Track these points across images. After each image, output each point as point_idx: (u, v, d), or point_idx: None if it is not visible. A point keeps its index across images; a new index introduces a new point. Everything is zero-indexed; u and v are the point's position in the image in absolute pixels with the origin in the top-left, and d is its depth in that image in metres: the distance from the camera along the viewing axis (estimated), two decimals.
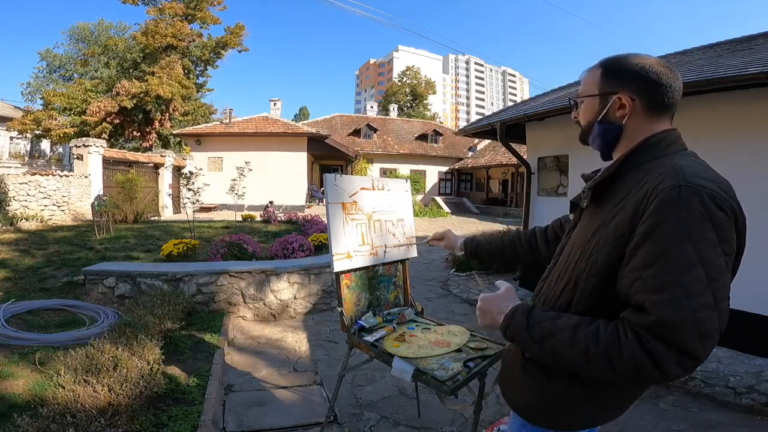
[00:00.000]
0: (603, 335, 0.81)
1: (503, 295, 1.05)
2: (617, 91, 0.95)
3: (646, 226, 0.80)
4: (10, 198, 9.26)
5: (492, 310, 1.03)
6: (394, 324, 2.18)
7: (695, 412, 2.82)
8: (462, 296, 5.81)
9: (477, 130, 7.38)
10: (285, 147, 19.26)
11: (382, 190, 2.35)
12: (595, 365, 0.82)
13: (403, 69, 60.86)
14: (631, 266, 0.82)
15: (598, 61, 1.03)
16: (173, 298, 3.87)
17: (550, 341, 0.88)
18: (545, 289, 1.06)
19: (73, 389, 2.18)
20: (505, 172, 25.19)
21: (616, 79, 0.96)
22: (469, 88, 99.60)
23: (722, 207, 0.79)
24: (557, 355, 0.87)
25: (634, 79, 0.94)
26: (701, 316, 0.74)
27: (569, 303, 0.95)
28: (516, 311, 0.97)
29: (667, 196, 0.79)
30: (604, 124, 0.99)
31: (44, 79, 25.29)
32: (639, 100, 0.94)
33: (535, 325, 0.92)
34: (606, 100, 0.97)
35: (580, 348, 0.83)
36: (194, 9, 22.31)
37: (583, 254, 0.94)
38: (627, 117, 0.95)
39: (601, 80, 0.99)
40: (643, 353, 0.76)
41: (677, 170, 0.83)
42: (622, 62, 0.97)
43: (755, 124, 3.73)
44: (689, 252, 0.76)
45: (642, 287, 0.79)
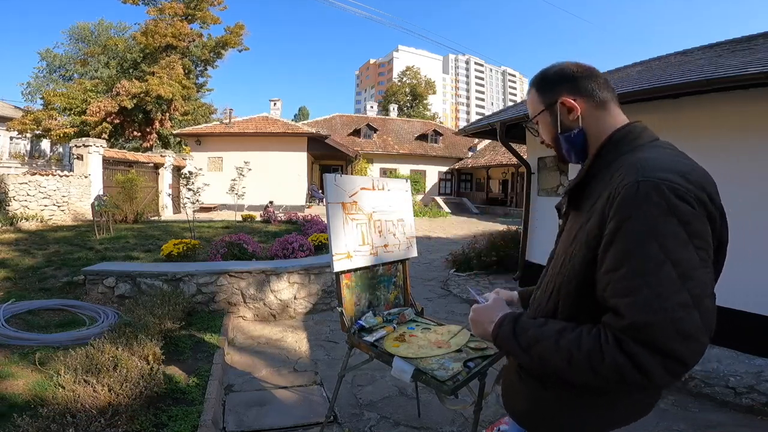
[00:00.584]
0: (585, 340, 0.80)
1: (493, 305, 1.06)
2: (557, 98, 0.98)
3: (611, 227, 0.79)
4: (10, 198, 9.26)
5: (483, 321, 1.04)
6: (394, 324, 2.18)
7: (695, 412, 2.82)
8: (462, 296, 5.81)
9: (477, 130, 7.38)
10: (285, 147, 19.26)
11: (382, 190, 2.35)
12: (579, 371, 0.80)
13: (403, 69, 60.84)
14: (603, 269, 0.80)
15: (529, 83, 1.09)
16: (173, 298, 3.87)
17: (536, 348, 0.87)
18: (538, 297, 1.06)
19: (73, 389, 2.18)
20: (505, 172, 25.19)
21: (549, 89, 1.01)
22: (469, 88, 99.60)
23: (685, 199, 0.75)
24: (544, 362, 0.86)
25: (562, 81, 0.98)
26: (678, 315, 0.70)
27: (555, 309, 0.95)
28: (504, 320, 0.97)
29: (627, 194, 0.78)
30: (565, 133, 1.00)
31: (44, 79, 25.30)
32: (580, 98, 0.96)
33: (522, 332, 0.91)
34: (554, 111, 1.00)
35: (564, 354, 0.82)
36: (194, 9, 22.31)
37: (565, 259, 0.94)
38: (580, 118, 0.97)
39: (538, 96, 1.03)
40: (624, 357, 0.73)
41: (638, 165, 0.82)
42: (546, 74, 1.02)
43: (755, 124, 3.73)
44: (654, 250, 0.73)
45: (613, 290, 0.77)
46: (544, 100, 1.02)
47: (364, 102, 49.82)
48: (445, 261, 8.08)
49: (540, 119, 1.05)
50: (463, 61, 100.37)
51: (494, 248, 7.19)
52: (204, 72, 25.23)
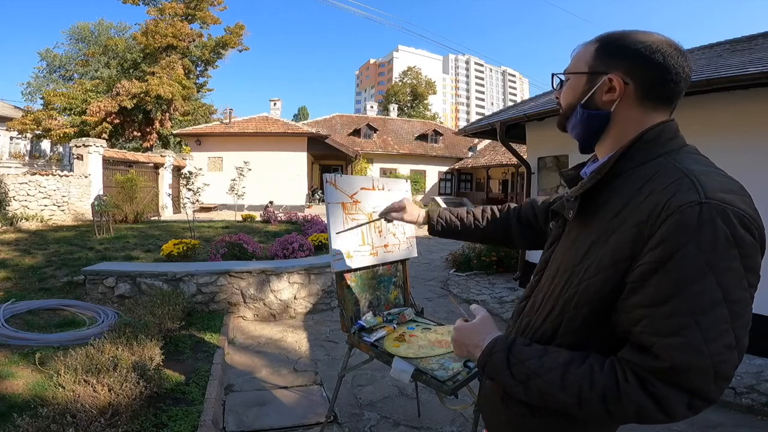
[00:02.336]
0: (598, 377, 0.71)
1: (479, 326, 0.91)
2: (609, 70, 0.80)
3: (658, 254, 0.66)
4: (10, 198, 9.26)
5: (467, 343, 0.91)
6: (394, 324, 2.18)
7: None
8: (462, 296, 5.82)
9: (477, 130, 7.38)
10: (285, 147, 19.27)
11: (383, 190, 2.35)
12: (589, 408, 0.72)
13: (404, 69, 60.88)
14: (636, 300, 0.69)
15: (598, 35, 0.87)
16: (173, 298, 3.87)
17: (535, 382, 0.77)
18: (527, 311, 0.93)
19: (73, 389, 2.18)
20: (505, 172, 25.19)
21: (611, 56, 0.81)
22: (469, 88, 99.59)
23: (749, 228, 0.65)
24: (545, 397, 0.77)
25: (633, 58, 0.78)
26: (721, 359, 0.63)
27: (555, 333, 0.83)
28: (494, 347, 0.84)
29: (685, 217, 0.64)
30: (588, 110, 0.83)
31: (44, 79, 25.26)
32: (634, 84, 0.78)
33: (517, 363, 0.79)
34: (594, 81, 0.82)
35: (572, 391, 0.72)
36: (194, 9, 22.29)
37: (572, 278, 0.80)
38: (616, 103, 0.80)
39: (594, 57, 0.83)
40: (647, 398, 0.67)
41: (693, 180, 0.68)
42: (624, 38, 0.81)
43: (755, 124, 3.73)
44: (712, 287, 0.63)
45: (651, 328, 0.67)
46: (595, 64, 0.82)
47: (364, 102, 49.84)
48: (445, 261, 8.09)
49: (573, 79, 0.87)
50: (463, 61, 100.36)
51: (494, 248, 7.19)
52: (204, 72, 25.21)
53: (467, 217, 1.39)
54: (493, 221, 1.35)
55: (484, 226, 1.35)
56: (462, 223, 1.39)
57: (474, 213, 1.39)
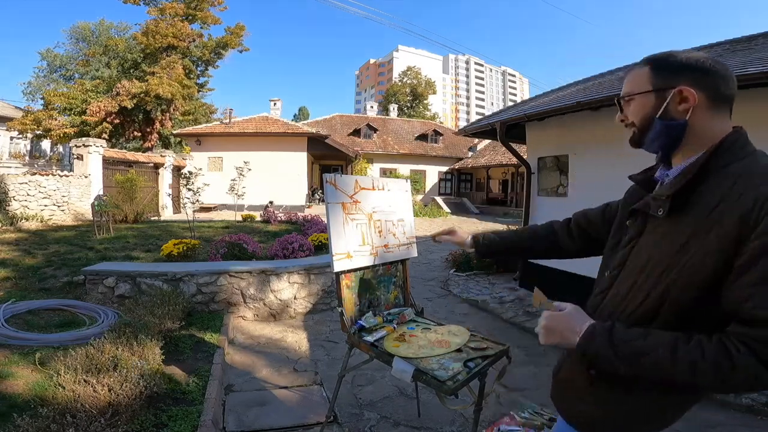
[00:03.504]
0: (709, 350, 0.81)
1: (573, 314, 1.00)
2: (674, 84, 0.91)
3: (765, 241, 0.78)
4: (10, 198, 9.26)
5: (562, 329, 0.98)
6: (394, 324, 2.18)
7: (695, 411, 2.79)
8: (462, 296, 5.81)
9: (477, 130, 7.38)
10: (285, 147, 19.27)
11: (383, 190, 2.35)
12: (702, 379, 0.81)
13: (404, 69, 60.89)
14: (746, 280, 0.79)
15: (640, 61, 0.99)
16: (173, 298, 3.87)
17: (643, 360, 0.86)
18: (608, 302, 1.02)
19: (73, 389, 2.18)
20: (505, 172, 25.19)
21: (670, 72, 0.92)
22: (469, 88, 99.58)
23: None
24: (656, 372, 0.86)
25: (692, 70, 0.90)
26: None
27: (652, 316, 0.92)
28: (595, 331, 0.93)
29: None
30: (666, 121, 0.92)
31: (45, 79, 25.26)
32: (700, 92, 0.89)
33: (621, 344, 0.88)
34: (663, 96, 0.92)
35: (684, 365, 0.82)
36: (195, 9, 22.31)
37: (670, 267, 0.89)
38: (690, 111, 0.90)
39: (652, 76, 0.94)
40: (760, 365, 0.76)
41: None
42: (673, 57, 0.94)
43: (755, 124, 3.72)
44: None
45: (761, 302, 0.77)
46: (657, 82, 0.93)
47: (364, 102, 49.83)
48: (445, 261, 8.09)
49: (639, 98, 0.96)
50: (463, 61, 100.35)
51: None
52: (205, 72, 25.23)
53: (510, 236, 1.49)
54: (535, 236, 1.43)
55: (529, 242, 1.44)
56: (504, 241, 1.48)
57: (517, 231, 1.50)
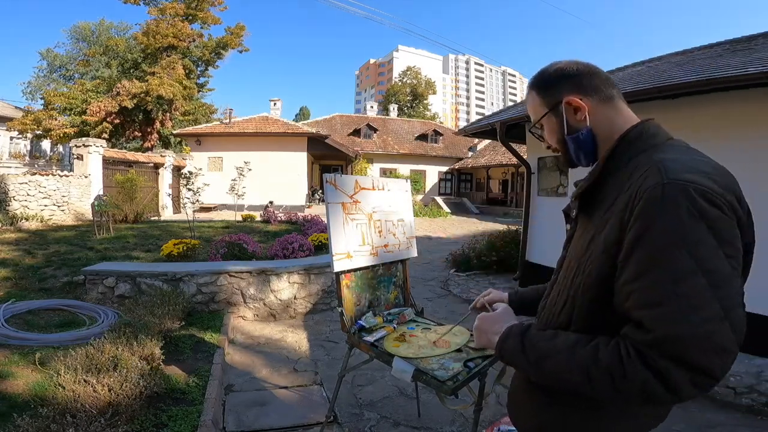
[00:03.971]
0: (603, 355, 0.74)
1: (499, 315, 0.99)
2: (560, 98, 0.92)
3: (633, 233, 0.73)
4: (10, 198, 9.26)
5: (487, 330, 0.98)
6: (394, 324, 2.18)
7: (695, 412, 2.82)
8: (462, 296, 5.81)
9: (477, 130, 7.38)
10: (285, 147, 19.27)
11: (383, 190, 2.35)
12: (598, 387, 0.75)
13: (404, 69, 60.92)
14: (623, 279, 0.75)
15: (527, 86, 1.03)
16: (173, 298, 3.87)
17: (547, 363, 0.82)
18: (547, 307, 1.00)
19: (73, 389, 2.18)
20: (505, 172, 25.19)
21: (551, 89, 0.95)
22: (469, 88, 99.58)
23: (716, 203, 0.70)
24: (557, 378, 0.81)
25: (565, 79, 0.92)
26: (709, 328, 0.65)
27: (569, 321, 0.88)
28: (510, 332, 0.91)
29: (651, 197, 0.72)
30: (573, 135, 0.93)
31: (45, 79, 25.28)
32: (585, 96, 0.91)
33: (531, 346, 0.86)
34: (558, 111, 0.94)
35: (580, 370, 0.76)
36: (195, 9, 22.30)
37: (578, 269, 0.87)
38: (588, 117, 0.91)
39: (540, 98, 0.97)
40: (648, 372, 0.68)
41: (660, 166, 0.75)
42: (546, 73, 0.96)
43: (755, 124, 3.73)
44: (684, 258, 0.67)
45: (637, 301, 0.71)
46: (547, 101, 0.95)
47: (364, 102, 49.85)
48: (445, 261, 8.09)
49: (545, 122, 0.99)
50: (463, 61, 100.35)
51: (494, 248, 7.19)
52: (205, 72, 25.23)
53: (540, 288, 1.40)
54: None
55: None
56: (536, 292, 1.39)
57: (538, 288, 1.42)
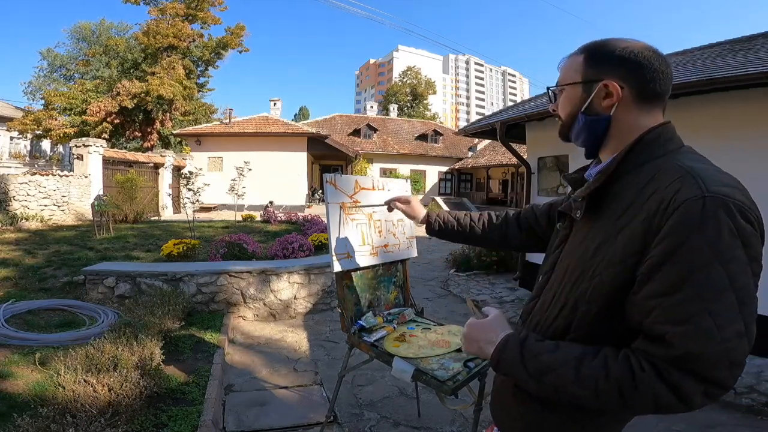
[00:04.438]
0: (613, 368, 0.72)
1: (492, 323, 0.93)
2: (602, 77, 0.84)
3: (666, 246, 0.69)
4: (10, 198, 9.27)
5: (479, 339, 0.92)
6: (394, 324, 2.18)
7: (695, 412, 2.82)
8: (462, 296, 5.81)
9: (477, 130, 7.38)
10: (285, 147, 19.27)
11: (383, 190, 2.35)
12: (605, 400, 0.73)
13: (404, 69, 60.95)
14: (646, 292, 0.71)
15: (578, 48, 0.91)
16: (173, 298, 3.87)
17: (550, 376, 0.78)
18: (537, 310, 0.95)
19: (73, 389, 2.18)
20: (505, 172, 25.18)
21: (601, 64, 0.86)
22: (469, 88, 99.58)
23: (750, 220, 0.68)
24: (560, 391, 0.78)
25: (622, 63, 0.83)
26: (732, 345, 0.65)
27: (567, 328, 0.84)
28: (507, 343, 0.86)
29: (689, 210, 0.68)
30: (590, 116, 0.87)
31: (45, 79, 25.28)
32: (628, 87, 0.83)
33: (531, 358, 0.81)
34: (590, 89, 0.86)
35: (588, 384, 0.74)
36: (195, 9, 22.30)
37: (583, 275, 0.82)
38: (615, 107, 0.84)
39: (584, 66, 0.88)
40: (663, 387, 0.68)
41: (695, 176, 0.71)
42: (608, 46, 0.86)
43: (755, 124, 3.73)
44: (719, 275, 0.65)
45: (663, 317, 0.68)
46: (587, 73, 0.87)
47: (364, 102, 49.89)
48: (445, 261, 8.09)
49: (568, 90, 0.91)
50: (463, 61, 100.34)
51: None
52: (205, 72, 25.24)
53: (464, 218, 1.43)
54: (490, 225, 1.38)
55: (481, 228, 1.39)
56: (458, 223, 1.42)
57: (471, 215, 1.43)
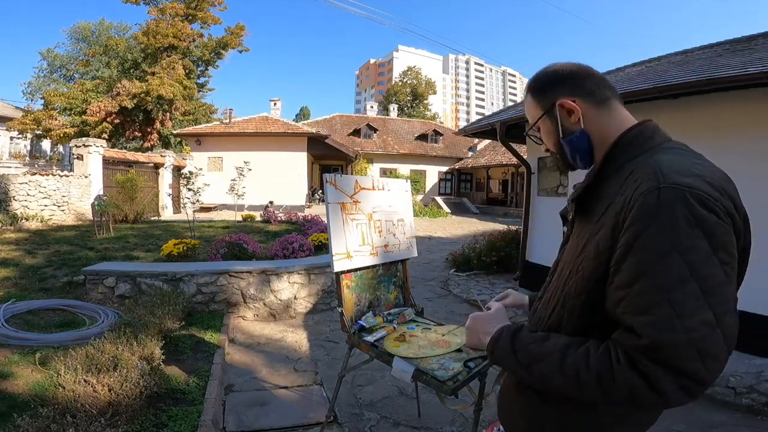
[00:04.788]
0: (593, 359, 0.74)
1: (493, 316, 0.98)
2: (555, 99, 0.92)
3: (626, 238, 0.72)
4: (10, 198, 9.27)
5: (478, 330, 0.98)
6: (394, 324, 2.18)
7: (695, 412, 2.82)
8: (462, 296, 5.81)
9: (477, 130, 7.38)
10: (285, 147, 19.27)
11: (383, 190, 2.35)
12: (586, 390, 0.75)
13: (404, 69, 60.96)
14: (615, 284, 0.74)
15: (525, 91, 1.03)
16: (173, 298, 3.87)
17: (537, 365, 0.81)
18: (539, 309, 0.99)
19: (73, 389, 2.18)
20: (505, 172, 25.18)
21: (545, 91, 0.95)
22: (469, 88, 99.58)
23: (712, 208, 0.69)
24: (546, 380, 0.81)
25: (558, 81, 0.93)
26: (699, 334, 0.65)
27: (559, 323, 0.88)
28: (501, 333, 0.90)
29: (646, 202, 0.71)
30: (568, 137, 0.93)
31: (45, 79, 25.29)
32: (579, 98, 0.90)
33: (522, 348, 0.85)
34: (553, 114, 0.93)
35: (570, 373, 0.76)
36: (195, 9, 22.32)
37: (572, 272, 0.87)
38: (582, 119, 0.90)
39: (535, 101, 0.97)
40: (638, 377, 0.69)
41: (656, 169, 0.74)
42: (541, 76, 0.96)
43: (755, 124, 3.73)
44: (678, 264, 0.67)
45: (628, 307, 0.71)
46: (542, 104, 0.95)
47: (364, 102, 49.89)
48: (445, 261, 8.09)
49: (541, 125, 0.99)
50: (463, 61, 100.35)
51: (494, 248, 7.19)
52: (205, 72, 25.24)
53: None
54: None
55: None
56: None
57: None
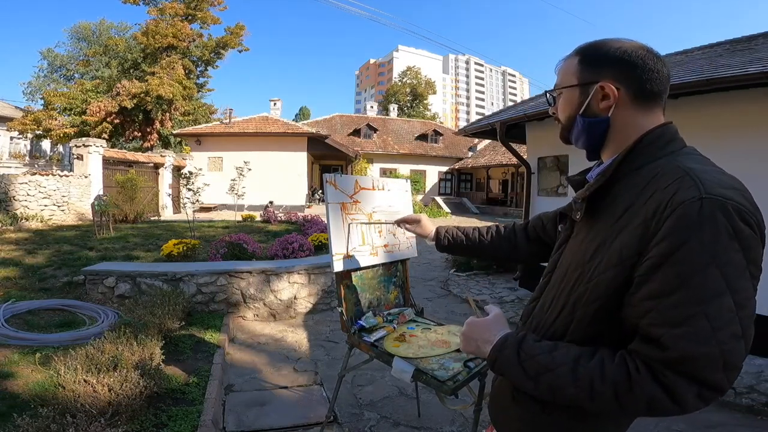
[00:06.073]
0: (609, 370, 0.72)
1: (491, 322, 0.93)
2: (598, 79, 0.85)
3: (664, 248, 0.69)
4: (10, 198, 9.27)
5: (477, 338, 0.92)
6: (394, 324, 2.18)
7: (696, 412, 2.82)
8: (462, 296, 5.81)
9: (477, 130, 7.39)
10: (285, 147, 19.27)
11: (383, 189, 2.35)
12: (601, 402, 0.73)
13: (404, 69, 60.97)
14: (643, 294, 0.71)
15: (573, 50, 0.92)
16: (173, 298, 3.87)
17: (546, 377, 0.78)
18: (537, 312, 0.95)
19: (73, 389, 2.18)
20: (505, 172, 25.19)
21: (596, 66, 0.86)
22: (469, 88, 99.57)
23: (748, 221, 0.68)
24: (556, 392, 0.78)
25: (617, 64, 0.83)
26: (728, 347, 0.65)
27: (566, 330, 0.85)
28: (505, 342, 0.85)
29: (687, 212, 0.67)
30: (588, 118, 0.87)
31: (45, 79, 25.28)
32: (624, 88, 0.83)
33: (528, 358, 0.81)
34: (587, 91, 0.86)
35: (583, 385, 0.74)
36: (195, 9, 22.30)
37: (582, 276, 0.83)
38: (612, 108, 0.84)
39: (579, 69, 0.88)
40: (659, 389, 0.68)
41: (693, 178, 0.71)
42: (602, 47, 0.86)
43: (755, 124, 3.73)
44: (716, 278, 0.65)
45: (659, 319, 0.68)
46: (582, 75, 0.87)
47: (364, 102, 49.91)
48: (445, 261, 8.09)
49: (565, 93, 0.91)
50: (463, 61, 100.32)
51: None
52: (204, 72, 25.23)
53: (472, 232, 1.43)
54: (498, 236, 1.38)
55: (489, 241, 1.39)
56: (467, 238, 1.43)
57: (480, 229, 1.43)
